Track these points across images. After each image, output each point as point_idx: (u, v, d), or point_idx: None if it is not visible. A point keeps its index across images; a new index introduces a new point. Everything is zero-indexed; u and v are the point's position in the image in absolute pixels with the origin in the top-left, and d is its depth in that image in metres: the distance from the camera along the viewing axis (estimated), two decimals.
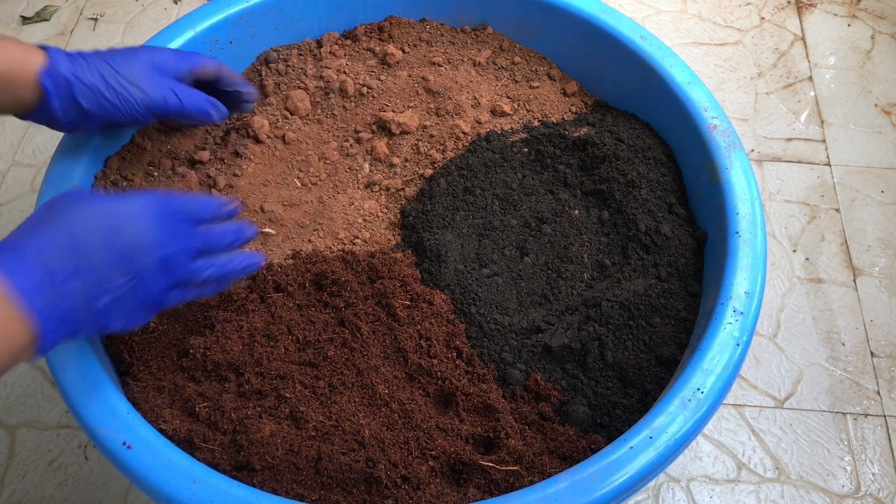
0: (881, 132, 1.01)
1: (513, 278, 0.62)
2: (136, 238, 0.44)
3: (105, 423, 0.49)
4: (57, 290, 0.41)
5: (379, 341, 0.57)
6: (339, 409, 0.52)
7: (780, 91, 1.05)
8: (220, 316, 0.57)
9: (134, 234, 0.43)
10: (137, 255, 0.44)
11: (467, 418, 0.54)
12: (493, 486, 0.49)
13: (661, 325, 0.58)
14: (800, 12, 1.15)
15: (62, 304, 0.41)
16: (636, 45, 0.70)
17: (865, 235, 0.92)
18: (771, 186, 0.96)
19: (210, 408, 0.52)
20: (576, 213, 0.66)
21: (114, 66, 0.56)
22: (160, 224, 0.45)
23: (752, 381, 0.82)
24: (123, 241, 0.43)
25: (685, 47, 1.10)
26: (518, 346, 0.58)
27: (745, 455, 0.77)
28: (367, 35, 0.78)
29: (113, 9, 1.17)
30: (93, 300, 0.42)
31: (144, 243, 0.44)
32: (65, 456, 0.77)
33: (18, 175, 0.98)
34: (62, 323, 0.41)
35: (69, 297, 0.41)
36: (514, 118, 0.72)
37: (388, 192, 0.69)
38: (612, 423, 0.55)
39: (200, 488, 0.46)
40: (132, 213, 0.44)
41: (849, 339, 0.84)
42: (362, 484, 0.49)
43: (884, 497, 0.74)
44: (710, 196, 0.62)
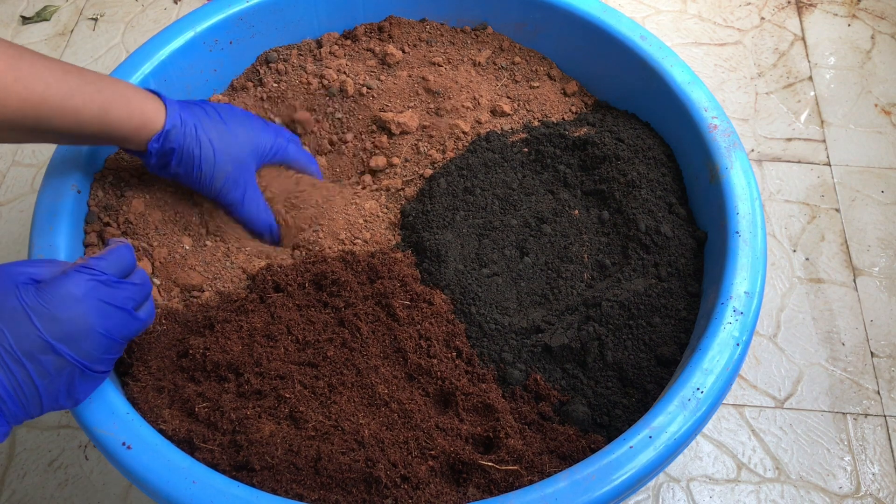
0: (881, 132, 1.01)
1: (513, 278, 0.62)
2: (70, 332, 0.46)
3: (105, 423, 0.49)
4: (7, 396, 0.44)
5: (379, 341, 0.57)
6: (339, 409, 0.52)
7: (780, 91, 1.05)
8: (220, 316, 0.57)
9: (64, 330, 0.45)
10: (77, 344, 0.46)
11: (467, 418, 0.53)
12: (493, 485, 0.49)
13: (661, 325, 0.58)
14: (800, 12, 1.15)
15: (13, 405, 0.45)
16: (636, 45, 0.70)
17: (865, 235, 0.92)
18: (771, 186, 0.96)
19: (210, 408, 0.52)
20: (576, 213, 0.66)
21: (219, 139, 0.61)
22: (85, 307, 0.47)
23: (752, 381, 0.82)
24: (55, 336, 0.45)
25: (685, 47, 1.10)
26: (518, 346, 0.58)
27: (745, 455, 0.77)
28: (367, 35, 0.78)
29: (113, 9, 1.17)
30: (51, 389, 0.46)
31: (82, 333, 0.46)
32: (65, 456, 0.77)
33: (18, 175, 0.98)
34: (9, 421, 0.45)
35: (13, 405, 0.45)
36: (514, 118, 0.72)
37: (388, 192, 0.69)
38: (612, 423, 0.55)
39: (200, 488, 0.46)
40: (55, 310, 0.45)
41: (849, 339, 0.84)
42: (362, 484, 0.49)
43: (884, 497, 0.74)
44: (710, 196, 0.62)
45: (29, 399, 0.45)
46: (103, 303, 0.47)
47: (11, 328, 0.43)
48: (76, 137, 0.55)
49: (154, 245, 0.62)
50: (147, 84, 0.68)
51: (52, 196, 0.60)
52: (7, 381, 0.43)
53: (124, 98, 0.55)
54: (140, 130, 0.57)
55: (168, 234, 0.63)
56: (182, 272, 0.61)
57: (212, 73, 0.73)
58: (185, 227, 0.63)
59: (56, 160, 0.62)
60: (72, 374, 0.46)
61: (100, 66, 1.10)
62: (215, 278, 0.62)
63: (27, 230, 0.90)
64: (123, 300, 0.48)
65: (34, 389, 0.44)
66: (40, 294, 0.44)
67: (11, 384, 0.43)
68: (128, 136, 0.56)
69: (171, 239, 0.62)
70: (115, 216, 0.62)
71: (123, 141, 0.57)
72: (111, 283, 0.48)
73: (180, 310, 0.59)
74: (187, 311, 0.59)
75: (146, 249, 0.61)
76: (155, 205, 0.64)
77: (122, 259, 0.49)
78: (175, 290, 0.60)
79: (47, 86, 0.51)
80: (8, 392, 0.43)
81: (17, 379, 0.43)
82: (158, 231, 0.62)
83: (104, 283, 0.47)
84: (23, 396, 0.44)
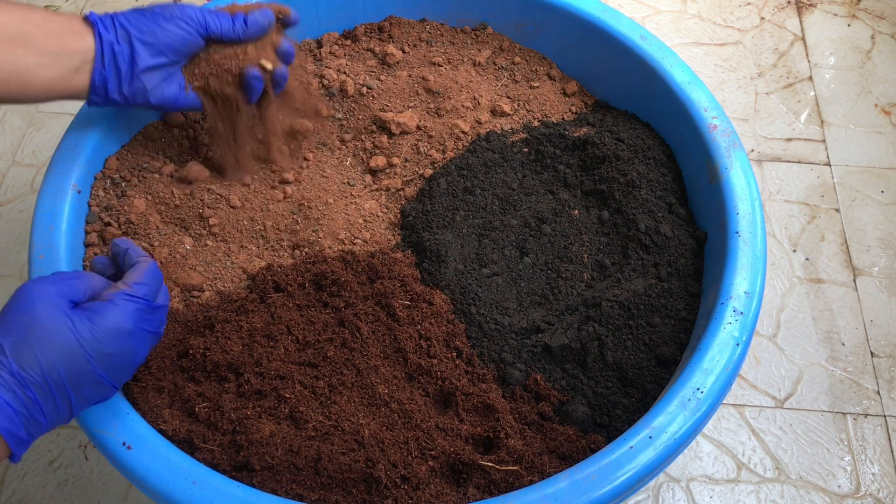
0: (881, 132, 1.01)
1: (513, 278, 0.62)
2: (117, 364, 0.46)
3: (105, 423, 0.49)
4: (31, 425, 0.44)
5: (379, 341, 0.57)
6: (339, 409, 0.52)
7: (780, 91, 1.05)
8: (220, 316, 0.57)
9: (113, 364, 0.46)
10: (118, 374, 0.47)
11: (467, 418, 0.53)
12: (493, 485, 0.49)
13: (661, 325, 0.58)
14: (800, 12, 1.15)
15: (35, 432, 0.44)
16: (636, 45, 0.70)
17: (865, 235, 0.92)
18: (771, 186, 0.96)
19: (210, 408, 0.52)
20: (576, 213, 0.66)
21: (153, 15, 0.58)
22: (133, 342, 0.47)
23: (752, 381, 0.82)
24: (105, 369, 0.45)
25: (685, 47, 1.10)
26: (518, 346, 0.58)
27: (745, 455, 0.77)
28: (366, 35, 0.78)
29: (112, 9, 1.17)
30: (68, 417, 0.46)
31: (126, 365, 0.47)
32: (65, 456, 0.77)
33: (18, 175, 0.98)
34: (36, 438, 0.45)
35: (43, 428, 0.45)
36: (513, 118, 0.72)
37: (388, 192, 0.69)
38: (612, 423, 0.55)
39: (200, 488, 0.46)
40: (107, 346, 0.45)
41: (849, 339, 0.84)
42: (362, 484, 0.49)
43: (884, 497, 0.74)
44: (710, 196, 0.62)
45: (58, 420, 0.45)
46: (147, 332, 0.47)
47: (66, 363, 0.43)
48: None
49: (155, 245, 0.62)
50: None
51: (53, 196, 0.60)
52: (47, 408, 0.43)
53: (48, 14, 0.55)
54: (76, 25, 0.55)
55: (169, 233, 0.63)
56: (182, 272, 0.61)
57: None
58: (186, 227, 0.63)
59: (56, 160, 0.62)
60: (103, 396, 0.47)
61: None
62: (215, 278, 0.62)
63: (27, 230, 0.90)
64: (159, 324, 0.49)
65: (68, 412, 0.45)
66: (94, 327, 0.44)
67: (50, 410, 0.44)
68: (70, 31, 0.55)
69: (172, 239, 0.62)
70: (115, 216, 0.62)
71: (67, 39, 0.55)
72: (152, 310, 0.48)
73: (180, 310, 0.59)
74: (187, 311, 0.59)
75: (147, 249, 0.61)
76: (156, 205, 0.64)
77: (158, 281, 0.50)
78: (175, 290, 0.60)
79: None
80: (45, 418, 0.44)
81: (56, 405, 0.44)
82: (159, 231, 0.62)
83: (147, 311, 0.47)
84: (55, 419, 0.45)
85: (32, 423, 0.43)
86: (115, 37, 0.56)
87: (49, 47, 0.53)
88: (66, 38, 0.54)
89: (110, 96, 0.57)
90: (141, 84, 0.57)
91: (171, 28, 0.57)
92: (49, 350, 0.43)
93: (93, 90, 0.56)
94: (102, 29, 0.55)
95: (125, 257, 0.50)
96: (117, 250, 0.51)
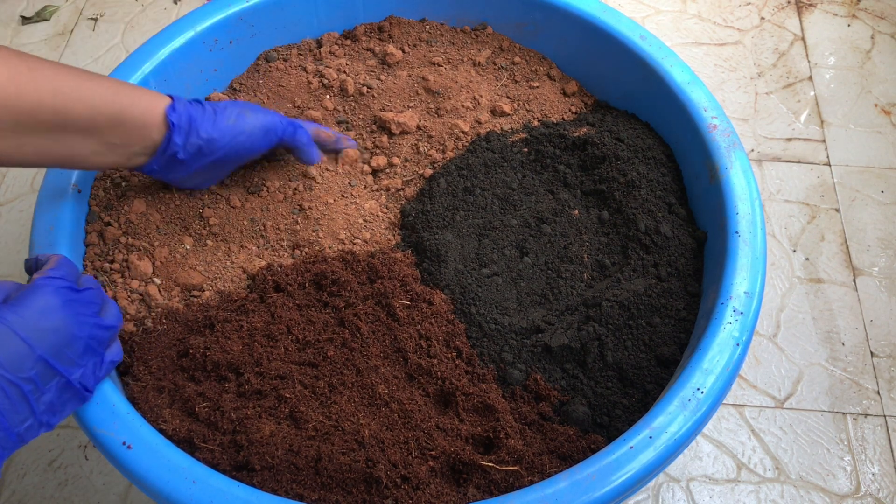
0: (881, 132, 1.01)
1: (513, 278, 0.62)
2: (55, 342, 0.45)
3: (105, 423, 0.49)
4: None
5: (379, 341, 0.57)
6: (339, 409, 0.52)
7: (780, 91, 1.05)
8: (220, 316, 0.57)
9: (50, 341, 0.44)
10: (62, 353, 0.45)
11: (467, 418, 0.54)
12: (493, 486, 0.49)
13: (661, 325, 0.58)
14: (800, 12, 1.15)
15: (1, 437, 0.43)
16: (636, 45, 0.70)
17: (865, 235, 0.92)
18: (771, 186, 0.96)
19: (210, 408, 0.52)
20: (576, 213, 0.66)
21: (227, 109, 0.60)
22: (64, 314, 0.46)
23: (751, 381, 0.82)
24: (44, 349, 0.44)
25: (685, 47, 1.10)
26: (518, 346, 0.58)
27: (745, 455, 0.77)
28: (366, 35, 0.78)
29: (113, 9, 1.17)
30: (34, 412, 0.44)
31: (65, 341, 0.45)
32: (65, 456, 0.77)
33: (18, 175, 0.98)
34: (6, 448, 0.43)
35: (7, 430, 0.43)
36: (513, 118, 0.72)
37: (388, 192, 0.69)
38: (612, 423, 0.55)
39: (200, 488, 0.46)
40: (37, 322, 0.44)
41: (849, 339, 0.84)
42: (362, 484, 0.49)
43: (884, 497, 0.74)
44: (710, 196, 0.62)
45: (23, 421, 0.43)
46: (76, 309, 0.46)
47: (1, 350, 0.42)
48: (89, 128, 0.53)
49: (155, 245, 0.62)
50: (147, 84, 0.67)
51: (53, 195, 0.60)
52: (4, 406, 0.42)
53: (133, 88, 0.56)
54: (153, 107, 0.56)
55: (169, 233, 0.63)
56: (182, 272, 0.61)
57: (212, 72, 0.73)
58: (186, 227, 0.63)
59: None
60: (59, 389, 0.45)
61: (100, 66, 1.09)
62: (216, 278, 0.62)
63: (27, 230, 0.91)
64: (89, 305, 0.47)
65: (28, 409, 0.43)
66: (16, 309, 0.43)
67: (5, 408, 0.42)
68: (144, 119, 0.55)
69: (172, 239, 0.62)
70: (115, 216, 0.62)
71: (142, 127, 0.55)
72: (76, 290, 0.47)
73: (180, 309, 0.59)
74: (187, 310, 0.59)
75: (147, 249, 0.61)
76: (156, 204, 0.64)
77: (72, 268, 0.49)
78: (175, 289, 0.61)
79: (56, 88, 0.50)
80: (4, 417, 0.42)
81: (11, 401, 0.42)
82: (159, 231, 0.62)
83: (72, 290, 0.46)
84: (17, 420, 0.43)
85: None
86: (182, 141, 0.57)
87: (113, 141, 0.54)
88: (133, 134, 0.55)
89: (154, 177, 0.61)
90: (186, 183, 0.62)
91: (243, 140, 0.60)
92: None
93: (140, 169, 0.58)
94: (176, 136, 0.56)
95: (36, 262, 0.50)
96: (29, 264, 0.50)
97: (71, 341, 0.45)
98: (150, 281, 0.60)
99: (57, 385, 0.45)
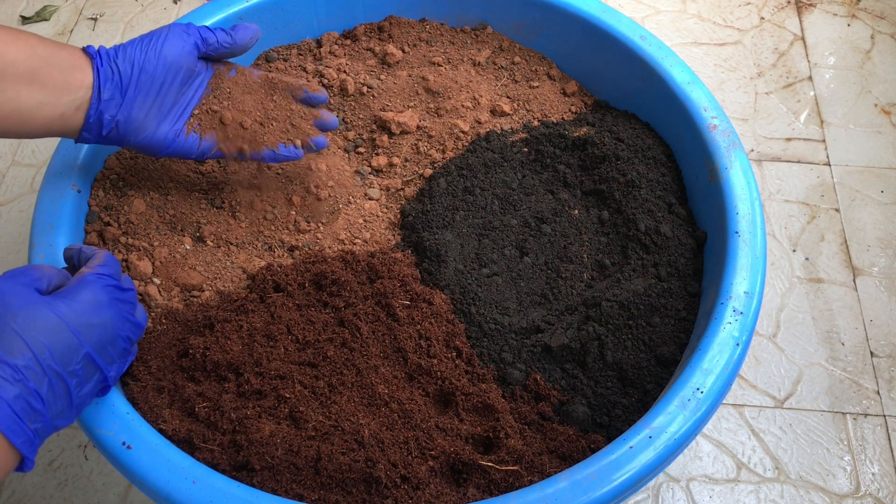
0: (881, 132, 1.01)
1: (512, 278, 0.62)
2: (101, 338, 0.45)
3: (105, 423, 0.49)
4: (34, 415, 0.42)
5: (378, 341, 0.57)
6: (339, 409, 0.52)
7: (780, 91, 1.05)
8: (220, 316, 0.57)
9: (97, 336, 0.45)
10: (105, 349, 0.46)
11: (467, 418, 0.54)
12: (493, 485, 0.49)
13: (661, 325, 0.58)
14: (799, 12, 1.15)
15: (41, 423, 0.43)
16: (636, 45, 0.70)
17: (865, 235, 0.92)
18: (771, 186, 0.96)
19: (210, 408, 0.52)
20: (575, 212, 0.66)
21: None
22: (111, 312, 0.46)
23: (751, 380, 0.82)
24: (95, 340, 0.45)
25: (685, 47, 1.10)
26: (518, 346, 0.58)
27: (745, 455, 0.77)
28: (366, 35, 0.78)
29: (112, 9, 1.17)
30: (72, 403, 0.44)
31: (110, 338, 0.46)
32: (65, 456, 0.77)
33: (18, 175, 0.98)
34: (43, 437, 0.43)
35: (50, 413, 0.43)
36: (513, 118, 0.72)
37: (388, 192, 0.69)
38: (612, 423, 0.55)
39: (200, 488, 0.46)
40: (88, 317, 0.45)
41: (848, 339, 0.84)
42: (362, 484, 0.49)
43: (884, 497, 0.74)
44: (710, 196, 0.62)
45: (60, 413, 0.44)
46: (122, 311, 0.47)
47: (53, 341, 0.42)
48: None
49: (155, 245, 0.62)
50: None
51: (53, 196, 0.60)
52: (48, 396, 0.42)
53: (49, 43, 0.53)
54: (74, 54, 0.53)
55: (169, 233, 0.63)
56: (182, 272, 0.61)
57: None
58: (186, 227, 0.63)
59: (56, 160, 0.62)
60: (95, 384, 0.46)
61: None
62: (215, 278, 0.62)
63: (27, 230, 0.90)
64: (133, 310, 0.49)
65: (67, 401, 0.44)
66: (70, 302, 0.44)
67: (49, 398, 0.42)
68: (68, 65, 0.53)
69: (172, 239, 0.62)
70: (115, 216, 0.62)
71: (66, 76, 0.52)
72: (121, 290, 0.48)
73: (180, 309, 0.59)
74: (187, 310, 0.59)
75: (147, 249, 0.61)
76: (156, 205, 0.64)
77: (118, 266, 0.49)
78: (175, 289, 0.61)
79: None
80: (44, 404, 0.42)
81: (54, 393, 0.43)
82: (159, 231, 0.62)
83: (119, 289, 0.47)
84: (55, 411, 0.43)
85: (33, 414, 0.41)
86: (110, 68, 0.54)
87: (54, 83, 0.52)
88: (69, 73, 0.53)
89: (103, 133, 0.55)
90: (132, 122, 0.56)
91: (160, 47, 0.55)
92: (33, 332, 0.42)
93: (85, 127, 0.55)
94: (98, 62, 0.54)
95: (80, 255, 0.50)
96: (71, 253, 0.50)
97: (114, 339, 0.46)
98: (150, 281, 0.60)
99: (96, 381, 0.46)
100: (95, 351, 0.45)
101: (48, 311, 0.43)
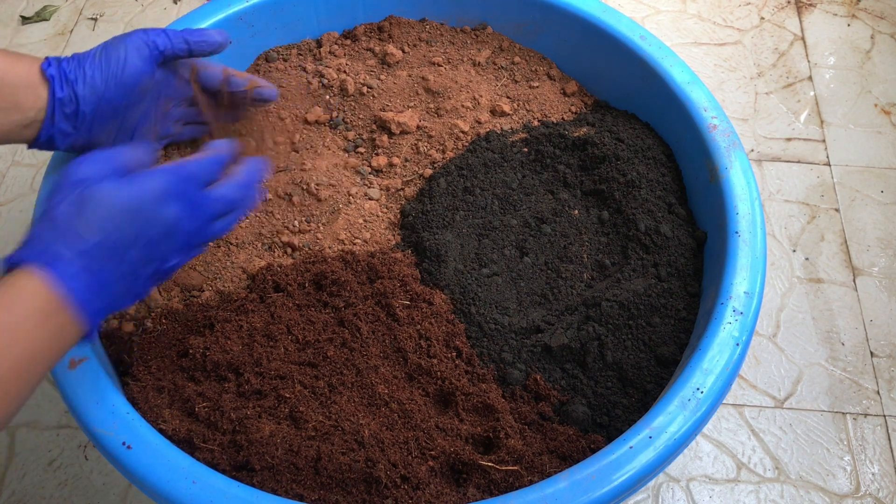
0: (881, 132, 1.01)
1: (512, 278, 0.62)
2: (165, 227, 0.46)
3: (105, 423, 0.49)
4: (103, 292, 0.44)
5: (378, 341, 0.57)
6: (339, 409, 0.52)
7: (780, 91, 1.05)
8: (220, 316, 0.57)
9: (162, 222, 0.46)
10: (168, 240, 0.47)
11: (467, 418, 0.54)
12: (493, 485, 0.49)
13: (661, 325, 0.58)
14: (799, 12, 1.15)
15: (106, 301, 0.45)
16: (636, 45, 0.70)
17: (865, 235, 0.92)
18: (771, 186, 0.96)
19: (210, 408, 0.52)
20: (575, 213, 0.66)
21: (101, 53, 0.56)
22: (181, 204, 0.47)
23: (751, 380, 0.82)
24: (154, 232, 0.46)
25: (685, 47, 1.10)
26: (518, 346, 0.58)
27: (745, 455, 0.77)
28: (366, 35, 0.78)
29: (112, 9, 1.17)
30: (131, 287, 0.46)
31: (173, 229, 0.47)
32: (65, 456, 0.77)
33: (18, 175, 0.98)
34: (104, 314, 0.46)
35: (112, 293, 0.45)
36: (513, 118, 0.72)
37: (388, 192, 0.69)
38: (612, 423, 0.55)
39: (200, 488, 0.46)
40: (156, 203, 0.46)
41: (848, 339, 0.84)
42: (362, 484, 0.49)
43: (884, 497, 0.75)
44: (710, 196, 0.62)
45: (122, 297, 0.46)
46: (186, 208, 0.47)
47: (116, 226, 0.44)
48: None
49: None
50: None
51: None
52: (109, 278, 0.44)
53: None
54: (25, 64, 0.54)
55: None
56: (182, 272, 0.61)
57: None
58: None
59: (56, 160, 0.62)
60: (155, 274, 0.47)
61: None
62: (215, 278, 0.62)
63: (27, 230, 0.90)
64: (205, 213, 0.48)
65: (125, 287, 0.46)
66: (132, 188, 0.45)
67: (110, 281, 0.44)
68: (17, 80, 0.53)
69: None
70: None
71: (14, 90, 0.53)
72: (194, 189, 0.48)
73: (180, 309, 0.59)
74: (187, 310, 0.59)
75: None
76: None
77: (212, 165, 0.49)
78: (175, 289, 0.60)
79: None
80: (107, 290, 0.44)
81: (114, 276, 0.45)
82: None
83: (181, 194, 0.47)
84: (119, 294, 0.46)
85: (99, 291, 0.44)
86: (69, 95, 0.54)
87: (3, 102, 0.53)
88: (21, 92, 0.53)
89: (60, 149, 0.57)
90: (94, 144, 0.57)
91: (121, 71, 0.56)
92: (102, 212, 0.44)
93: (35, 144, 0.56)
94: (57, 87, 0.54)
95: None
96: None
97: (172, 233, 0.47)
98: None
99: (153, 269, 0.47)
100: (152, 242, 0.46)
101: (116, 195, 0.44)
